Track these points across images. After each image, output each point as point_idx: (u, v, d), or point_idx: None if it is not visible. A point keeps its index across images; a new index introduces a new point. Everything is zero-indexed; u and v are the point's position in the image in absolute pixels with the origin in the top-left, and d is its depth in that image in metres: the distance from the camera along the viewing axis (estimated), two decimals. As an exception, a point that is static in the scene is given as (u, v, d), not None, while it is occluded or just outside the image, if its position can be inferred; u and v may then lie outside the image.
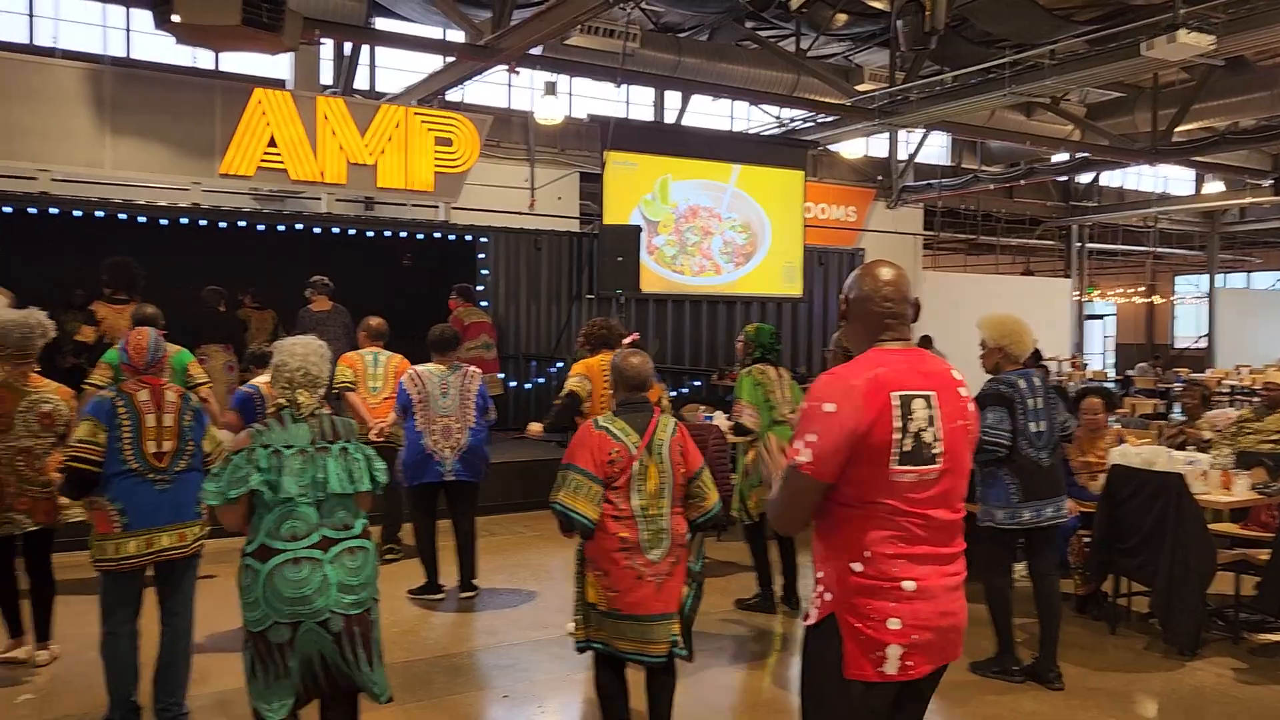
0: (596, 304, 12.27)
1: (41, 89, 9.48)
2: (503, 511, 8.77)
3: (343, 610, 3.33)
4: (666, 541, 3.81)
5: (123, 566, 4.07)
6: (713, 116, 18.97)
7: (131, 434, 4.06)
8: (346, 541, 3.40)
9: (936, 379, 2.51)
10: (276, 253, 10.68)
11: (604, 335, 6.05)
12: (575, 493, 3.72)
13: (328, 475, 3.38)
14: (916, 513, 2.42)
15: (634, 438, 3.83)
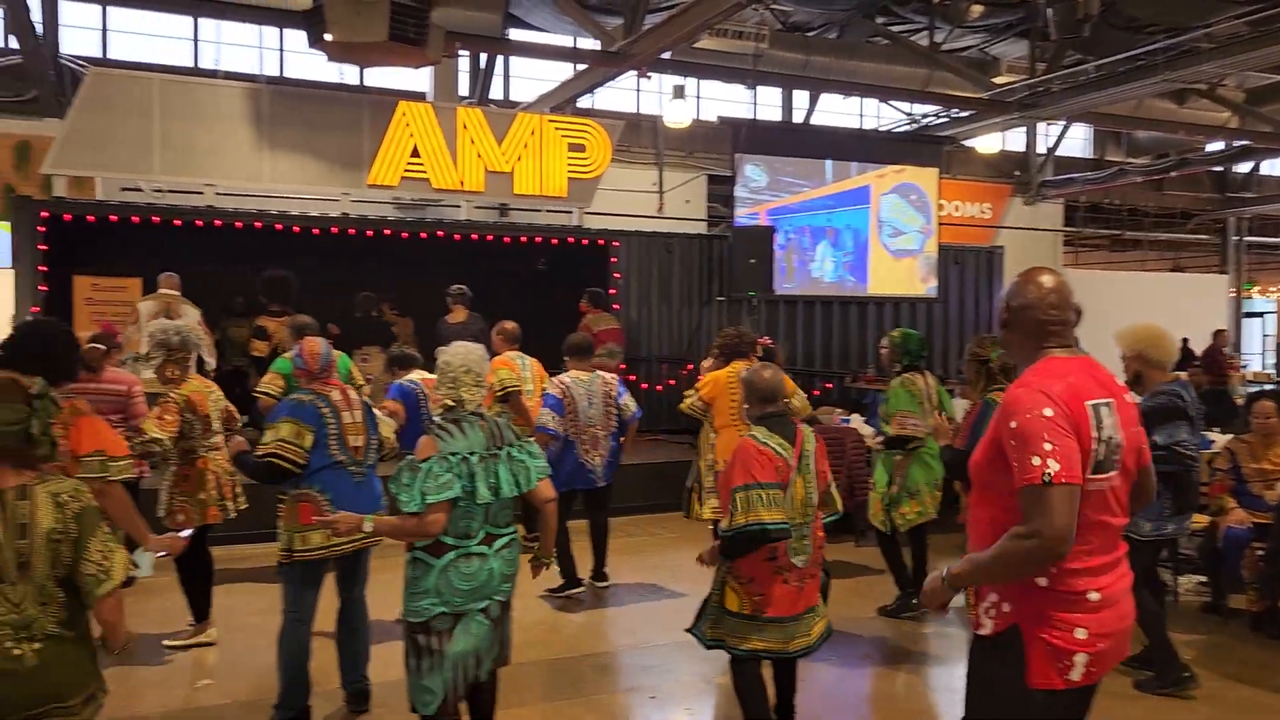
0: (727, 306, 12.28)
1: (207, 109, 10.09)
2: (638, 512, 8.86)
3: (500, 597, 3.59)
4: (810, 547, 3.94)
5: (334, 553, 4.31)
6: (842, 115, 18.73)
7: (336, 431, 4.31)
8: (506, 537, 3.61)
9: (1111, 387, 2.51)
10: (417, 260, 11.07)
11: (736, 345, 6.07)
12: (761, 505, 3.74)
13: (500, 481, 3.53)
14: (1098, 521, 2.42)
15: (789, 451, 3.91)
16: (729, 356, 6.06)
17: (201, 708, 4.65)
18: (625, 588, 6.66)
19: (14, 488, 2.64)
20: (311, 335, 6.45)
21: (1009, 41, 15.28)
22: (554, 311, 10.36)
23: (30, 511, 2.63)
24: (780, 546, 3.82)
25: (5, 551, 2.58)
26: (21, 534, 2.61)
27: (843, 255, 13.31)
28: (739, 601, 3.87)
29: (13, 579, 2.59)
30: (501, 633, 3.66)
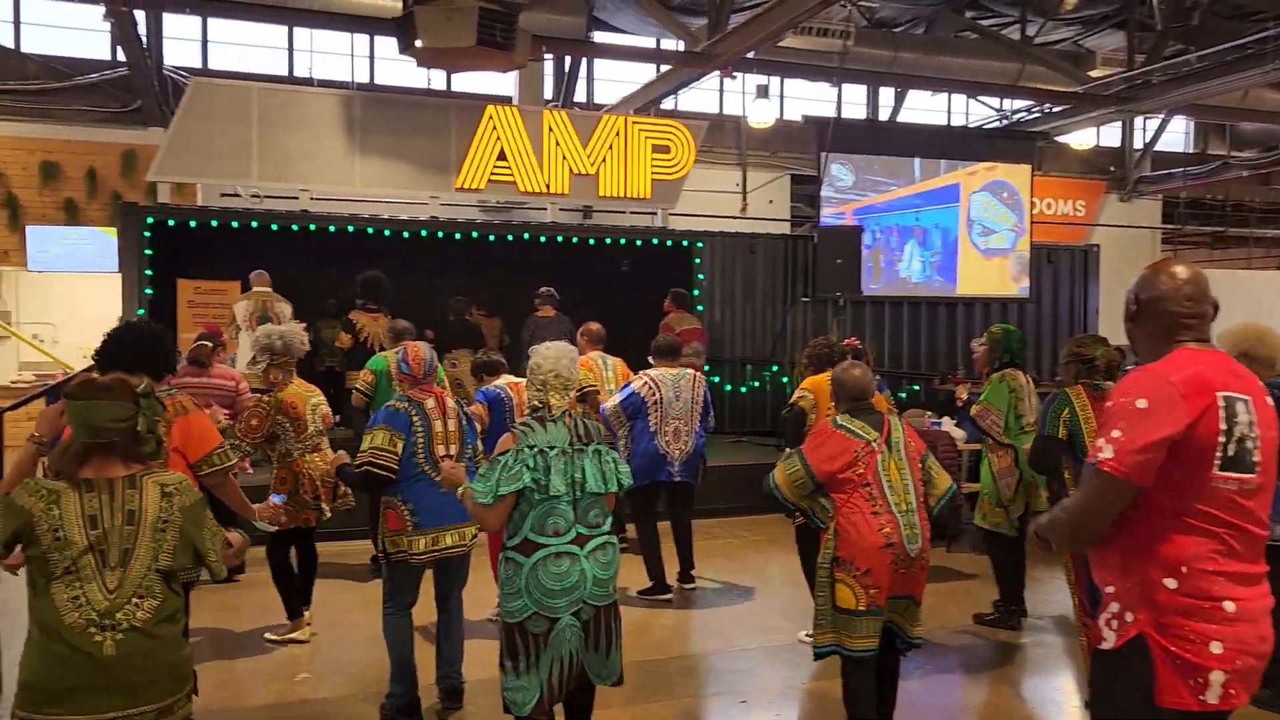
0: (812, 307, 12.15)
1: (302, 116, 10.36)
2: (724, 515, 8.82)
3: (595, 602, 3.52)
4: (919, 536, 3.91)
5: (413, 561, 4.39)
6: (929, 112, 18.39)
7: (424, 439, 4.37)
8: (599, 538, 3.57)
9: (1249, 384, 2.36)
10: (503, 262, 11.20)
11: (826, 355, 5.99)
12: (792, 478, 3.97)
13: (585, 476, 3.53)
14: (1237, 525, 2.26)
15: (873, 434, 3.94)
16: (819, 366, 5.98)
17: (301, 701, 4.76)
18: (712, 590, 6.64)
19: (123, 477, 2.75)
20: (410, 339, 6.61)
21: (1105, 33, 14.85)
22: (638, 312, 10.38)
23: (138, 500, 2.73)
24: (896, 533, 3.83)
25: (112, 537, 2.67)
26: (129, 521, 2.70)
27: (931, 255, 13.06)
28: (853, 596, 3.82)
29: (114, 565, 2.67)
30: (603, 643, 3.58)
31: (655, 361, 6.60)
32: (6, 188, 13.07)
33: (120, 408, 2.76)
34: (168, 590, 2.75)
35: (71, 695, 2.60)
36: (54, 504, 2.65)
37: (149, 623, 2.69)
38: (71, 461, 2.73)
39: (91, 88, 13.41)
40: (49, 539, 2.62)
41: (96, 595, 2.65)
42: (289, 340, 5.40)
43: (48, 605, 2.63)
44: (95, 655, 2.61)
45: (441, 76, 15.05)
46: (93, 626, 2.63)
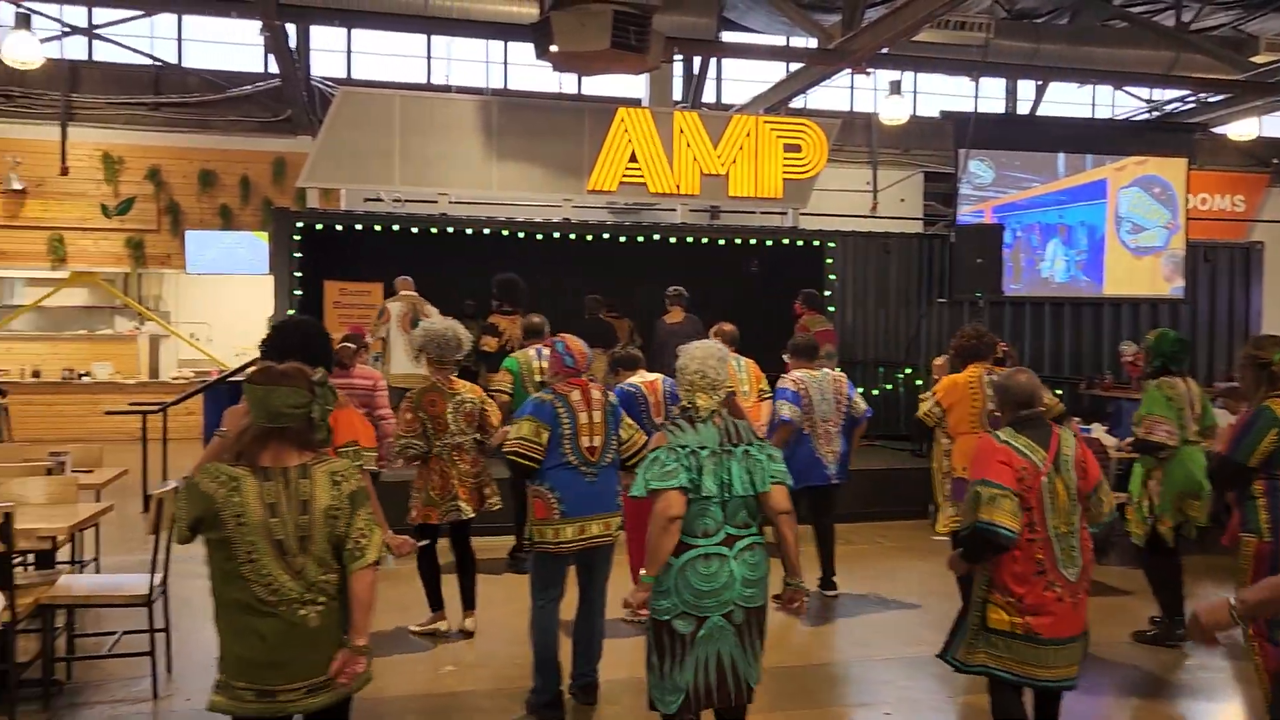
0: (948, 308, 11.82)
1: (442, 122, 10.65)
2: (857, 520, 8.66)
3: (745, 603, 3.48)
4: (1079, 559, 3.68)
5: (559, 550, 4.48)
6: (1072, 105, 17.68)
7: (570, 430, 4.45)
8: (747, 539, 3.53)
9: None
10: (630, 263, 11.27)
11: (975, 347, 5.74)
12: (992, 505, 3.55)
13: (732, 477, 3.51)
14: None
15: (1040, 454, 3.66)
16: (966, 359, 5.76)
17: (448, 693, 4.87)
18: (852, 597, 6.51)
19: (296, 466, 2.88)
20: (539, 337, 6.71)
21: (1268, 17, 13.95)
22: (767, 314, 10.29)
23: (310, 489, 2.86)
24: (1048, 557, 3.60)
25: (288, 525, 2.81)
26: (303, 510, 2.84)
27: (1076, 254, 12.54)
28: (1006, 619, 3.63)
29: (294, 552, 2.82)
30: (755, 647, 3.55)
31: (793, 362, 6.52)
32: (169, 195, 13.89)
33: (298, 394, 2.90)
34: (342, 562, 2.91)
35: (289, 665, 2.82)
36: (235, 490, 2.80)
37: (337, 595, 2.89)
38: (252, 444, 2.88)
39: (245, 99, 14.14)
40: (232, 524, 2.78)
41: (286, 578, 2.81)
42: (440, 337, 5.51)
43: (242, 588, 2.80)
44: (301, 628, 2.82)
45: (573, 80, 15.27)
46: (294, 603, 2.82)
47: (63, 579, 4.73)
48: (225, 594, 2.83)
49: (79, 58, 13.84)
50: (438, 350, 5.48)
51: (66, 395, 13.43)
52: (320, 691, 2.86)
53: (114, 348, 14.35)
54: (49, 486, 5.09)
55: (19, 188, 13.23)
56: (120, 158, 13.63)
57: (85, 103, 13.63)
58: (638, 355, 6.29)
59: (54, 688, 4.55)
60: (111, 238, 13.72)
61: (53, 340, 14.25)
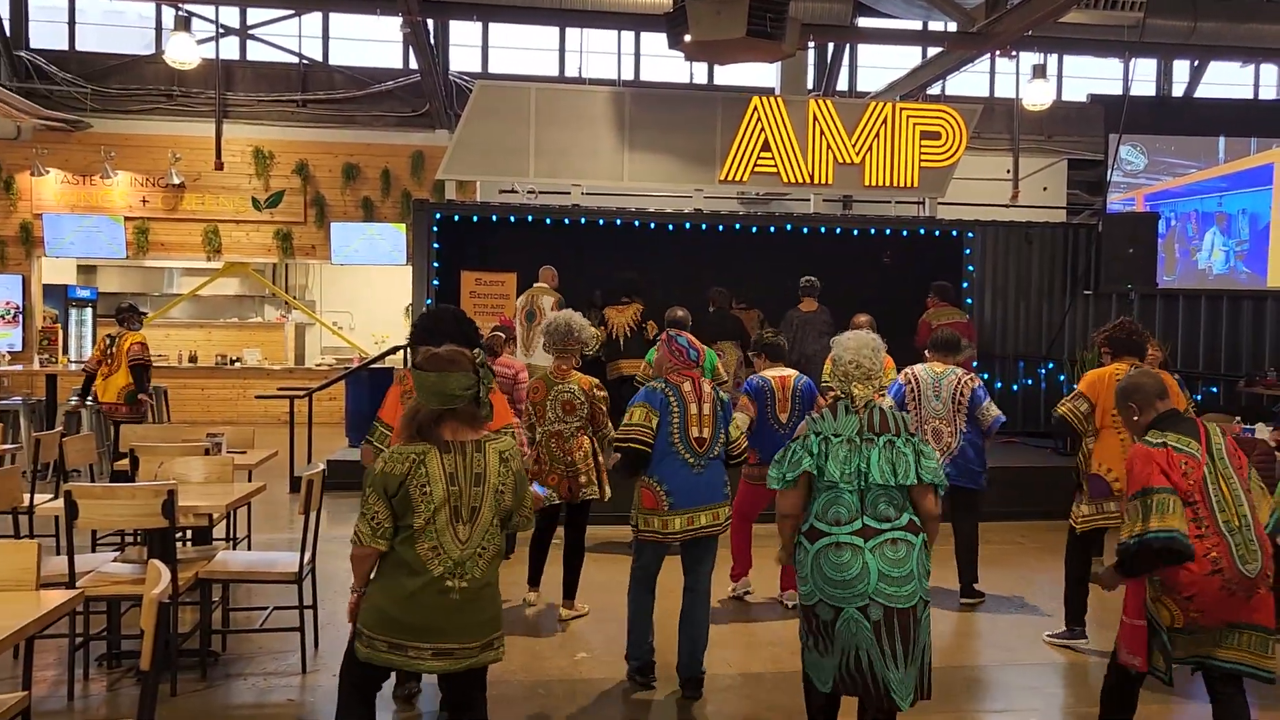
0: (1095, 301, 11.29)
1: (575, 114, 10.77)
2: (997, 520, 8.34)
3: (884, 600, 3.35)
4: (1259, 554, 3.43)
5: (667, 540, 4.51)
6: (1231, 86, 16.63)
7: (679, 421, 4.47)
8: (889, 533, 3.41)
9: None
10: (761, 254, 11.15)
11: (1129, 340, 5.42)
12: (1163, 511, 3.35)
13: (870, 466, 3.43)
14: None
15: (1194, 445, 3.49)
16: (1118, 352, 5.42)
17: (581, 679, 4.90)
18: (993, 599, 6.27)
19: (472, 441, 3.09)
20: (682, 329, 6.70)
21: None
22: (902, 305, 10.01)
23: (484, 463, 3.08)
24: (1225, 556, 3.37)
25: (464, 495, 3.03)
26: (477, 482, 3.06)
27: (1236, 244, 11.82)
28: (1171, 617, 3.47)
29: (465, 519, 3.03)
30: (899, 650, 3.37)
31: (931, 356, 6.32)
32: (315, 188, 14.47)
33: (466, 377, 3.08)
34: (501, 542, 3.15)
35: (419, 629, 3.00)
36: (421, 463, 3.00)
37: (487, 572, 3.09)
38: (428, 423, 3.06)
39: (386, 95, 14.60)
40: (418, 494, 2.99)
41: (451, 546, 3.01)
42: (553, 329, 5.58)
43: (409, 553, 3.00)
44: (445, 598, 3.01)
45: (703, 71, 15.20)
46: (447, 574, 3.00)
47: (220, 555, 4.96)
48: (392, 555, 3.03)
49: (232, 57, 14.53)
50: (552, 342, 5.58)
51: (219, 380, 14.18)
52: (443, 657, 3.04)
53: (263, 335, 15.07)
54: (207, 466, 5.34)
55: (178, 182, 13.99)
56: (270, 153, 14.27)
57: (238, 100, 14.32)
58: (782, 345, 6.17)
59: (210, 658, 4.78)
60: (262, 230, 14.38)
61: (207, 327, 15.07)
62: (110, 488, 4.55)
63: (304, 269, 15.79)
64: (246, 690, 4.59)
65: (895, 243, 11.54)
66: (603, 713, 4.46)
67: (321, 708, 4.39)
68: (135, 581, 4.25)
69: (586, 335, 5.69)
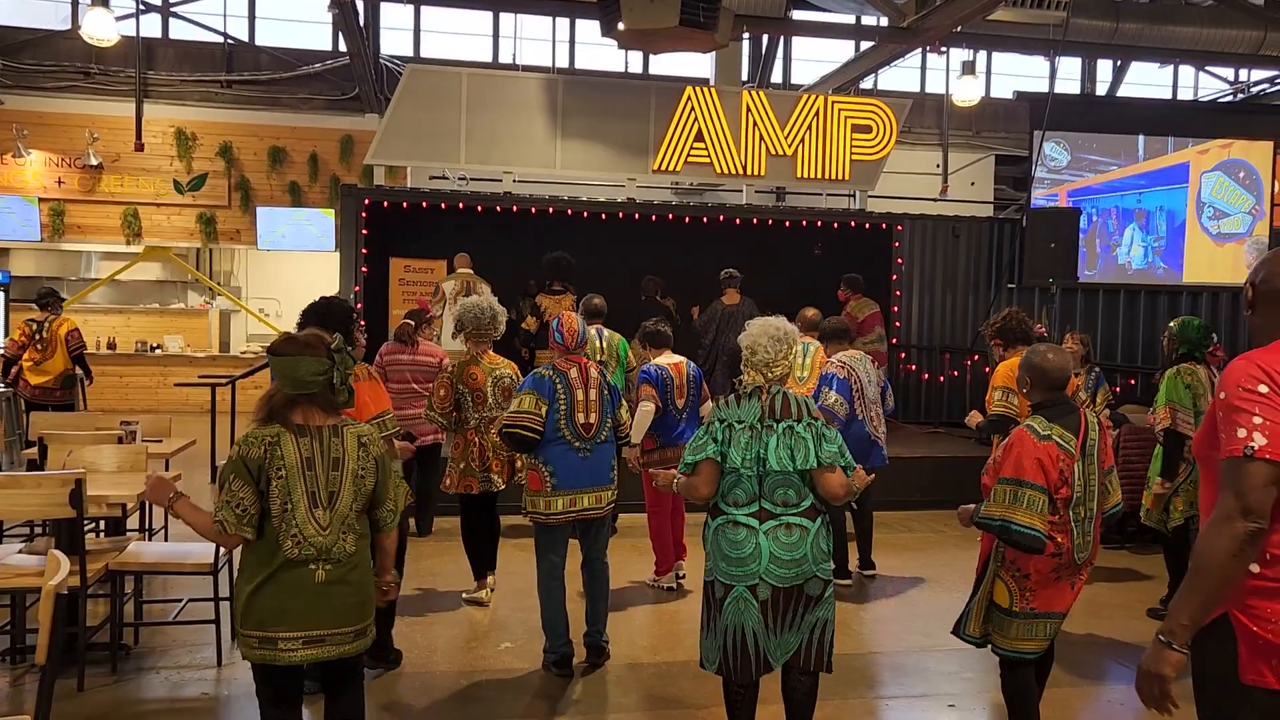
0: (1019, 294, 11.53)
1: (507, 100, 10.65)
2: (917, 508, 8.52)
3: (773, 581, 3.44)
4: (1090, 544, 3.67)
5: (550, 520, 4.63)
6: (1151, 87, 17.12)
7: (566, 407, 4.58)
8: (785, 517, 3.46)
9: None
10: (695, 244, 11.17)
11: (1019, 330, 5.52)
12: (1032, 511, 3.45)
13: (767, 453, 3.47)
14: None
15: (1073, 442, 3.60)
16: (1011, 343, 5.50)
17: (504, 669, 4.87)
18: (913, 586, 6.40)
19: (329, 426, 3.03)
20: (599, 317, 6.68)
21: (1366, -6, 13.32)
22: (832, 297, 10.11)
23: (341, 448, 3.03)
24: (1067, 543, 3.57)
25: (320, 479, 2.98)
26: (335, 467, 3.01)
27: (1154, 240, 12.14)
28: (1008, 597, 3.64)
29: (323, 505, 2.98)
30: (784, 630, 3.49)
31: (827, 347, 6.45)
32: (240, 172, 14.13)
33: (319, 362, 3.02)
34: (365, 527, 3.11)
35: (287, 619, 2.96)
36: (275, 445, 2.94)
37: (354, 556, 3.05)
38: (281, 407, 3.02)
39: (315, 77, 14.31)
40: (275, 478, 2.92)
41: (312, 532, 2.95)
42: (476, 311, 5.51)
43: (271, 538, 2.95)
44: (311, 585, 2.97)
45: (639, 60, 15.17)
46: (310, 560, 2.95)
47: (132, 546, 4.81)
48: (256, 544, 2.98)
49: (154, 35, 14.09)
50: (474, 325, 5.52)
51: (139, 367, 13.78)
52: (314, 645, 2.99)
53: (186, 321, 14.69)
54: (119, 455, 5.19)
55: (96, 163, 13.55)
56: (193, 134, 13.90)
57: (160, 80, 13.90)
58: (663, 332, 6.16)
59: (121, 652, 4.64)
60: (184, 213, 14.00)
61: (126, 313, 14.63)
62: (14, 477, 4.39)
63: (230, 254, 15.42)
64: (159, 684, 4.47)
65: (826, 235, 11.65)
66: (520, 702, 4.44)
67: (236, 702, 4.30)
68: (38, 574, 4.09)
69: (502, 321, 5.63)
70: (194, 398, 11.28)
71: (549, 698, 4.49)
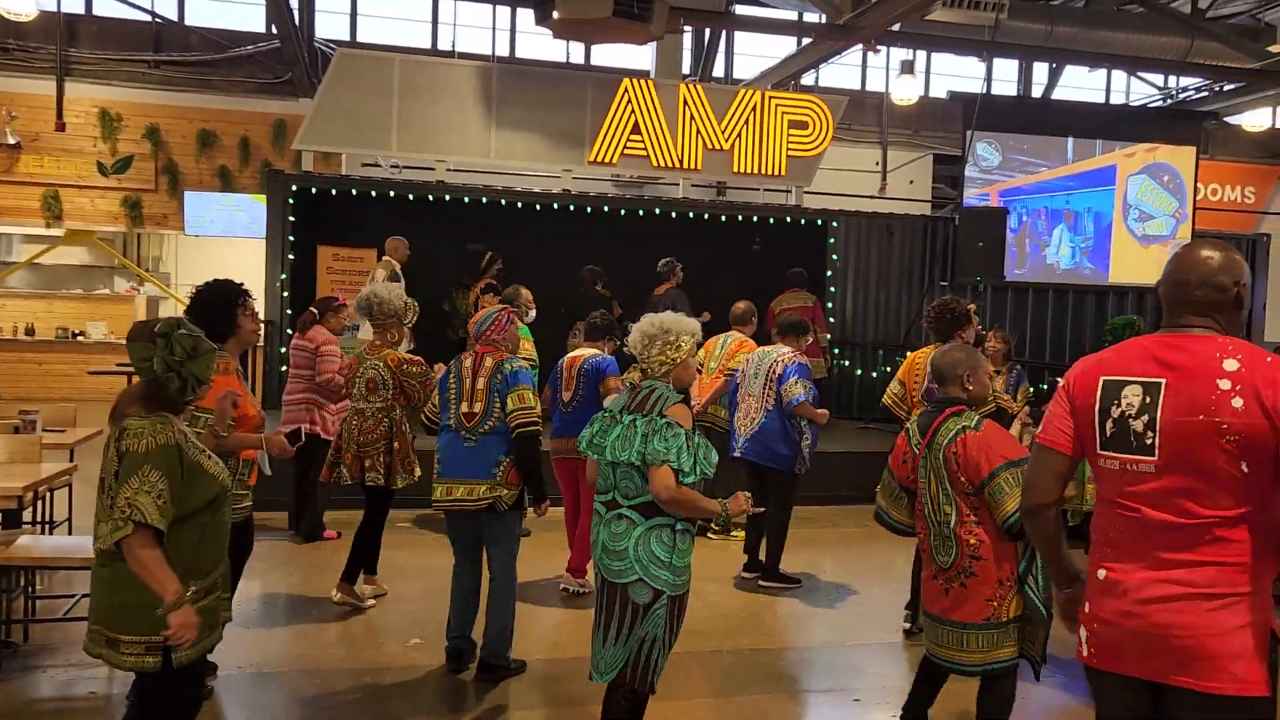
0: (950, 292, 11.64)
1: (441, 87, 10.49)
2: (845, 503, 8.57)
3: (602, 570, 3.43)
4: (955, 549, 3.59)
5: (435, 508, 4.65)
6: (1085, 90, 17.42)
7: (455, 395, 4.59)
8: (622, 509, 3.42)
9: (1179, 368, 2.30)
10: (633, 237, 11.13)
11: (954, 319, 5.52)
12: (884, 490, 3.89)
13: (605, 442, 3.47)
14: (1114, 502, 2.39)
15: (919, 438, 3.70)
16: (944, 331, 5.52)
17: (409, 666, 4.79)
18: (834, 584, 6.42)
19: (127, 414, 2.88)
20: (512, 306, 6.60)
21: (1289, 5, 13.70)
22: (771, 291, 10.13)
23: (113, 441, 2.86)
24: (925, 541, 3.70)
25: (107, 467, 2.84)
26: (117, 458, 2.83)
27: (1082, 240, 12.36)
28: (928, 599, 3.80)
29: (104, 493, 2.85)
30: (601, 622, 3.40)
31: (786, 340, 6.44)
32: (168, 155, 13.75)
33: (143, 348, 2.87)
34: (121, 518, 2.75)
35: (93, 610, 2.93)
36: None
37: (114, 555, 2.81)
38: (123, 395, 2.96)
39: (246, 59, 13.98)
40: None
41: (103, 526, 2.83)
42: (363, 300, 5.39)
43: None
44: (97, 575, 2.90)
45: (580, 50, 15.06)
46: (97, 541, 2.88)
47: (23, 539, 4.65)
48: None
49: (77, 11, 13.66)
50: (361, 315, 5.46)
51: (59, 354, 13.37)
52: (103, 646, 2.86)
53: (111, 308, 14.27)
54: (10, 445, 5.01)
55: (13, 142, 13.11)
56: (118, 115, 13.50)
57: (82, 58, 13.47)
58: (596, 325, 6.09)
59: (7, 649, 4.48)
60: (108, 196, 13.60)
61: (48, 298, 14.18)
62: (-106, 468, 4.20)
63: (159, 240, 15.01)
64: (46, 683, 4.32)
65: (763, 230, 11.67)
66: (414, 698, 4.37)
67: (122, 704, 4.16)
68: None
69: (390, 308, 5.37)
70: (117, 386, 10.94)
71: (446, 696, 4.42)
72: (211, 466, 2.97)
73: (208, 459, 2.97)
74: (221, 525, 3.03)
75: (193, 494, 2.86)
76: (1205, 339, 2.33)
